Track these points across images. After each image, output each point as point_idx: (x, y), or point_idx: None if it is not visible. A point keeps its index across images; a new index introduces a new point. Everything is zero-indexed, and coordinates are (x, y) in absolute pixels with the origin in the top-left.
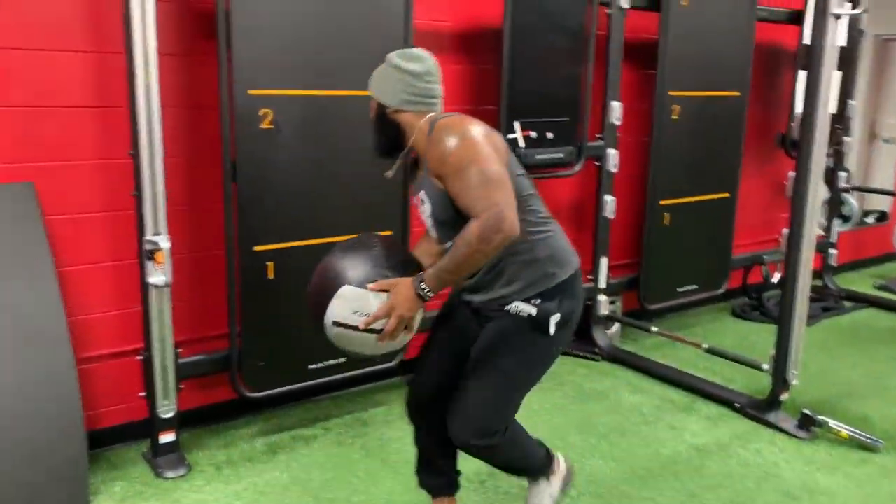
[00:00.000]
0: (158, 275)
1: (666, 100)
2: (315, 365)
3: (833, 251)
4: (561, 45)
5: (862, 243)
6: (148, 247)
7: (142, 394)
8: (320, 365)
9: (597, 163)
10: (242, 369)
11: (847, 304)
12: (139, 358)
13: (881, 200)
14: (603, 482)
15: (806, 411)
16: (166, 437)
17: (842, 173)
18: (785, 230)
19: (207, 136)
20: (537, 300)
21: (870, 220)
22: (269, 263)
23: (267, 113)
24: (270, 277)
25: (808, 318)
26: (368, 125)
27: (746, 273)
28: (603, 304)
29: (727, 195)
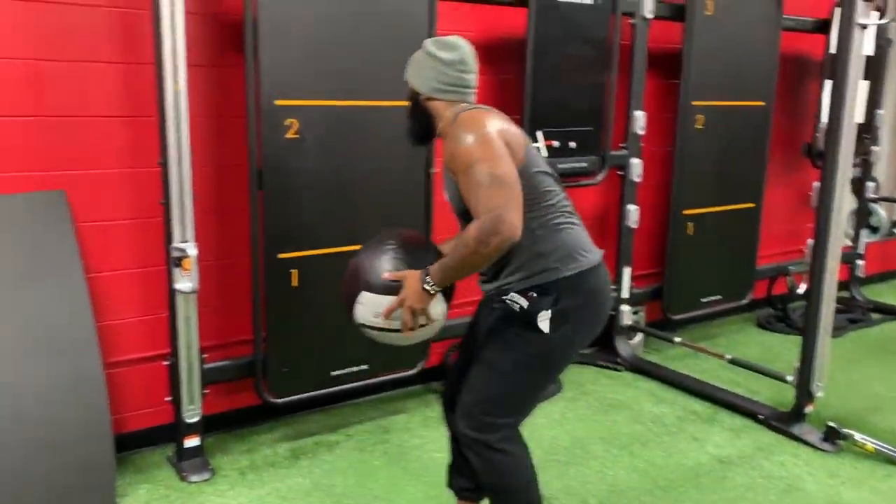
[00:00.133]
0: (185, 281)
1: (690, 109)
2: (337, 371)
3: (860, 262)
4: (584, 55)
5: (891, 254)
6: (175, 254)
7: (168, 398)
8: (342, 371)
9: (620, 172)
10: (266, 375)
11: (875, 316)
12: (165, 363)
13: None
14: (625, 493)
15: (831, 424)
16: (191, 442)
17: (870, 183)
18: (810, 241)
19: (234, 146)
20: (533, 293)
21: None
22: (294, 271)
23: (293, 123)
24: (294, 285)
25: (835, 330)
26: (391, 135)
27: (771, 284)
28: (626, 315)
29: (752, 205)
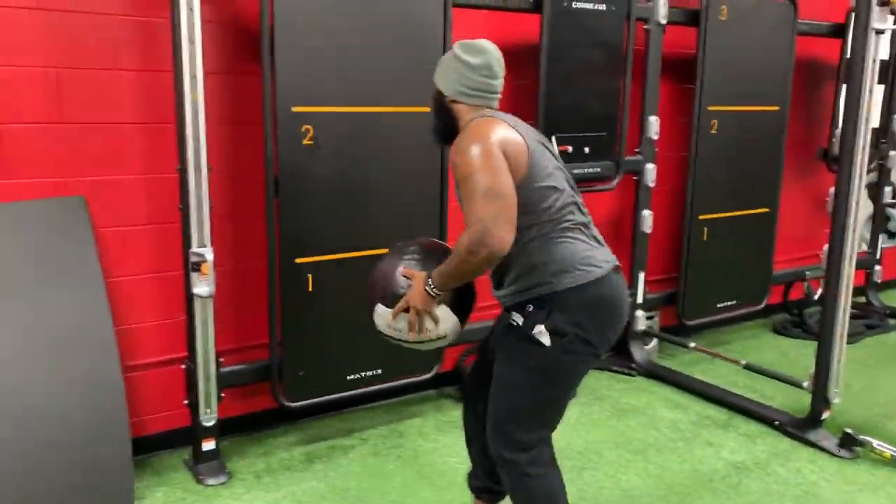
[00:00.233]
0: (203, 286)
1: (704, 114)
2: (352, 376)
3: (878, 267)
4: (598, 61)
5: None
6: (193, 258)
7: (185, 402)
8: (357, 376)
9: (634, 177)
10: (282, 379)
11: (892, 322)
12: (183, 367)
13: None
14: (639, 498)
15: (848, 430)
16: (208, 445)
17: (887, 188)
18: (826, 246)
19: (250, 152)
20: (530, 307)
21: None
22: (309, 276)
23: (308, 129)
24: (310, 290)
25: (852, 336)
26: (406, 141)
27: (787, 289)
28: (640, 320)
29: (767, 210)
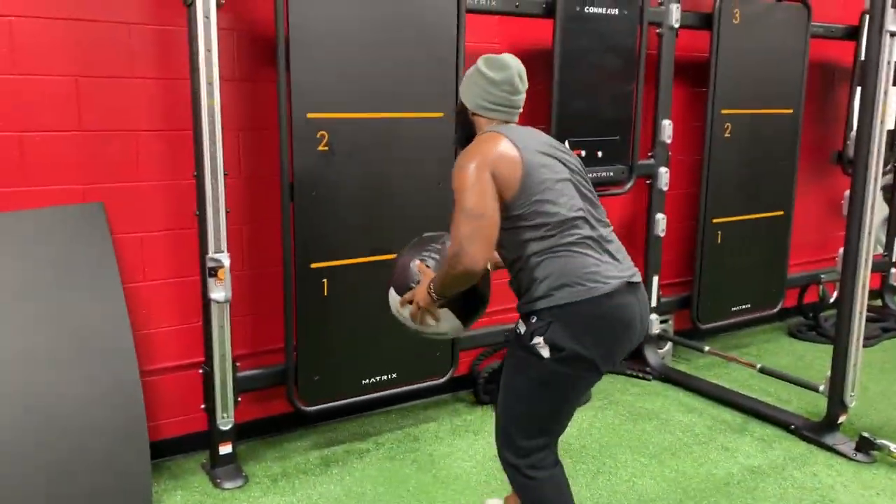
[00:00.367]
0: (219, 291)
1: (718, 118)
2: (367, 380)
3: (893, 270)
4: (611, 65)
5: None
6: (210, 264)
7: (202, 406)
8: (372, 380)
9: (648, 181)
10: (298, 383)
11: None
12: (200, 371)
13: None
14: (654, 503)
15: (865, 434)
16: (225, 449)
17: None
18: (842, 249)
19: (266, 158)
20: (532, 318)
21: None
22: (324, 280)
23: (324, 135)
24: (325, 294)
25: (868, 339)
26: (420, 146)
27: (802, 292)
28: (654, 324)
29: (781, 213)
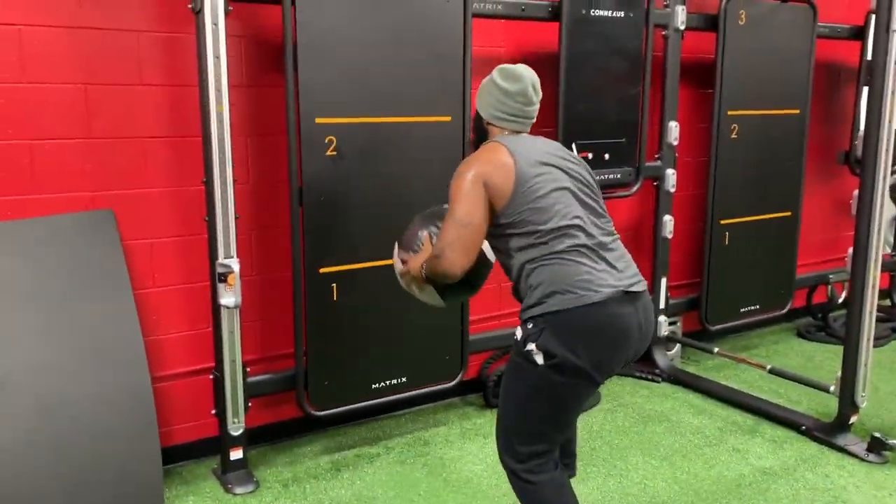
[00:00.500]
0: (229, 296)
1: (724, 119)
2: (377, 384)
3: None
4: (617, 68)
5: None
6: (220, 270)
7: (213, 411)
8: (382, 384)
9: (655, 183)
10: (308, 388)
11: None
12: (210, 377)
13: None
14: None
15: (876, 434)
16: (235, 454)
17: None
18: (851, 249)
19: (275, 163)
20: (528, 325)
21: None
22: (334, 285)
23: (332, 140)
24: (334, 299)
25: (877, 339)
26: (428, 150)
27: (811, 292)
28: (662, 325)
29: (789, 214)
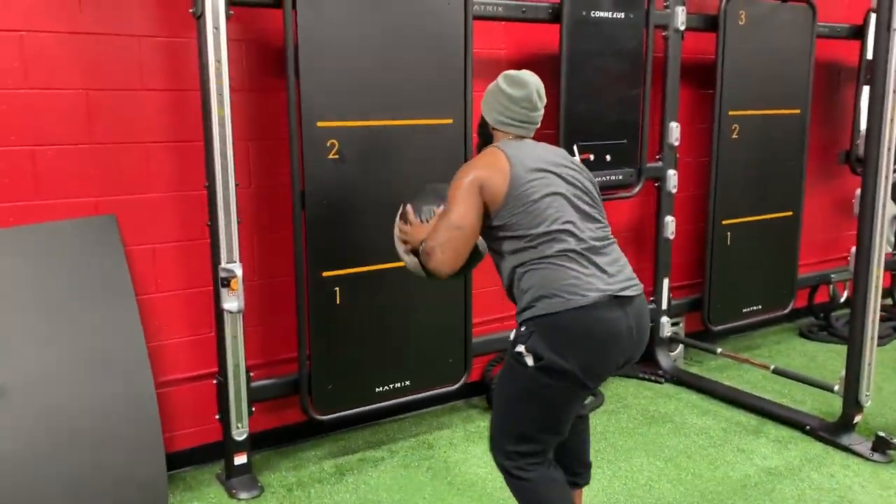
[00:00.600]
0: (232, 301)
1: (725, 119)
2: (381, 388)
3: None
4: (618, 69)
5: None
6: (223, 274)
7: (217, 416)
8: (386, 388)
9: (656, 184)
10: (312, 392)
11: None
12: (213, 382)
13: None
14: None
15: (881, 433)
16: (239, 459)
17: None
18: (853, 249)
19: (277, 167)
20: (522, 327)
21: None
22: (337, 289)
23: (334, 143)
24: (338, 303)
25: (880, 338)
26: (430, 153)
27: (813, 292)
28: (665, 326)
29: (790, 213)
